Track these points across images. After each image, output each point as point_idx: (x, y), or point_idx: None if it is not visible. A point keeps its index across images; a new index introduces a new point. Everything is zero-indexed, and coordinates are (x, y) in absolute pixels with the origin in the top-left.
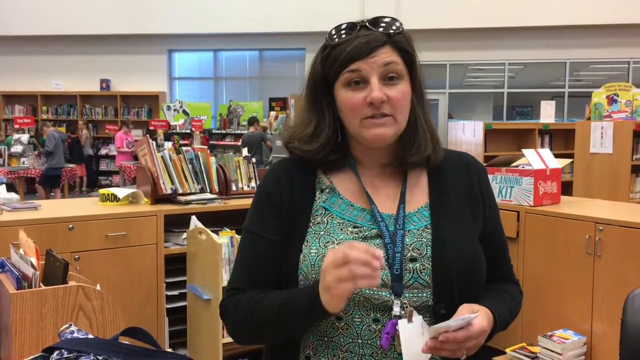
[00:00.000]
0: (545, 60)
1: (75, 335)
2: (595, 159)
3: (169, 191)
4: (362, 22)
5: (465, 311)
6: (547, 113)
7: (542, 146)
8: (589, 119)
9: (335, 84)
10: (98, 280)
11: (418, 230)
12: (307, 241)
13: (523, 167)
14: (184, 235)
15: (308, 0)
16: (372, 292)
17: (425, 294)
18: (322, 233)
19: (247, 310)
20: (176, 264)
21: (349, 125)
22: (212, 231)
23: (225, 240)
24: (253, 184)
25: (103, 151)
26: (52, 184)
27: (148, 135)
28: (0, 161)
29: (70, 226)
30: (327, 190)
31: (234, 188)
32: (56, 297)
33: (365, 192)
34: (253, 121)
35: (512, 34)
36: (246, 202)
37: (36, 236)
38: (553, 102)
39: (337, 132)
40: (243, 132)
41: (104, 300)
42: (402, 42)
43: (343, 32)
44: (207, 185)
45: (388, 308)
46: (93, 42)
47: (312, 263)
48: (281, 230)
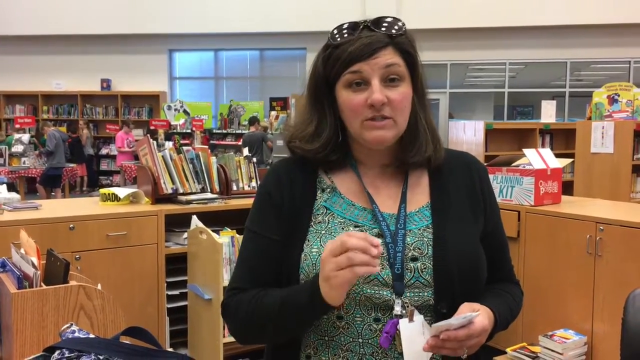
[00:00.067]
0: (546, 60)
1: (76, 334)
2: (596, 158)
3: (170, 191)
4: (365, 22)
5: (466, 310)
6: (548, 113)
7: (543, 146)
8: (589, 118)
9: (336, 84)
10: (99, 279)
11: (419, 229)
12: (309, 240)
13: (524, 167)
14: (185, 235)
15: (309, 0)
16: (373, 292)
17: (426, 294)
18: (323, 232)
19: (248, 310)
20: (177, 264)
21: (349, 126)
22: (213, 231)
23: (226, 240)
24: (254, 184)
25: (104, 151)
26: (52, 183)
27: (149, 135)
28: (1, 161)
29: (71, 226)
30: (328, 190)
31: (234, 188)
32: (57, 296)
33: (366, 192)
34: (254, 121)
35: (512, 34)
36: (247, 202)
37: (37, 236)
38: (554, 102)
39: (338, 132)
40: (244, 131)
41: (105, 299)
42: (405, 44)
43: (345, 32)
44: (207, 185)
45: (389, 307)
46: (94, 41)
47: (314, 262)
48: (282, 229)
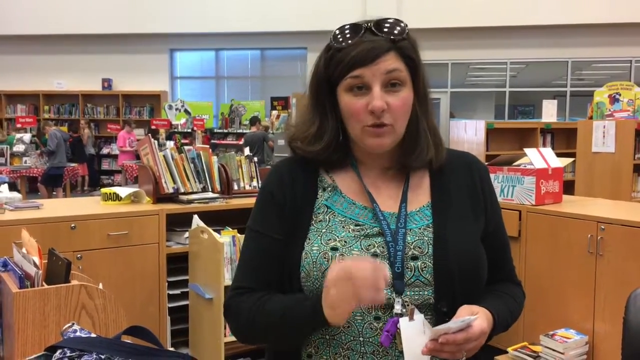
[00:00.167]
0: (547, 59)
1: (78, 334)
2: (597, 158)
3: (171, 190)
4: (367, 24)
5: (464, 313)
6: (549, 112)
7: (544, 145)
8: (591, 118)
9: (338, 86)
10: (100, 279)
11: (419, 228)
12: (309, 239)
13: (525, 167)
14: (186, 235)
15: None
16: None
17: (426, 292)
18: (324, 231)
19: (249, 316)
20: (178, 263)
21: (350, 129)
22: (214, 230)
23: (227, 239)
24: (255, 183)
25: (105, 150)
26: (54, 183)
27: (150, 135)
28: (2, 160)
29: (73, 225)
30: (329, 189)
31: (235, 187)
32: (59, 296)
33: (367, 191)
34: (255, 121)
35: (513, 33)
36: (248, 202)
37: (38, 235)
38: (555, 101)
39: (339, 133)
40: (245, 131)
41: (107, 299)
42: (407, 49)
43: (347, 35)
44: (209, 185)
45: (389, 306)
46: (95, 41)
47: (314, 260)
48: (284, 228)
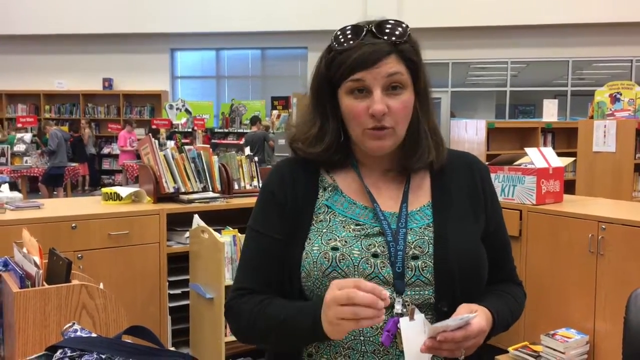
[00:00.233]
0: (548, 59)
1: (79, 333)
2: (598, 157)
3: (172, 190)
4: (368, 26)
5: (464, 311)
6: (550, 112)
7: (545, 145)
8: (591, 117)
9: (339, 88)
10: (101, 279)
11: (420, 228)
12: (310, 239)
13: (526, 166)
14: (187, 234)
15: None
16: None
17: (427, 292)
18: (324, 230)
19: (249, 319)
20: (179, 263)
21: (351, 131)
22: (215, 230)
23: (227, 239)
24: (255, 183)
25: (105, 150)
26: (54, 182)
27: (151, 134)
28: (3, 160)
29: (73, 225)
30: (329, 189)
31: (236, 187)
32: (59, 295)
33: (368, 191)
34: (255, 120)
35: (514, 33)
36: (248, 201)
37: (39, 235)
38: (556, 101)
39: (340, 134)
40: (245, 131)
41: (107, 299)
42: (408, 51)
43: (349, 36)
44: (209, 184)
45: (390, 305)
46: (95, 41)
47: (314, 260)
48: (285, 228)
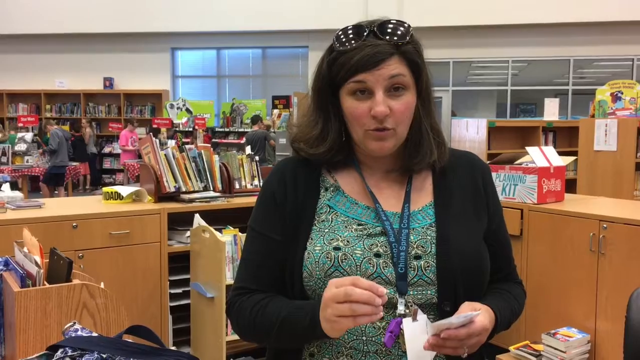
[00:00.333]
0: (549, 58)
1: (79, 333)
2: (599, 156)
3: (173, 189)
4: (371, 26)
5: (467, 309)
6: (551, 110)
7: (546, 144)
8: (593, 116)
9: (340, 89)
10: (102, 278)
11: (422, 228)
12: (312, 239)
13: (527, 165)
14: (188, 234)
15: None
16: None
17: (429, 292)
18: (326, 230)
19: (250, 318)
20: (180, 262)
21: (353, 132)
22: (216, 229)
23: (228, 238)
24: (256, 182)
25: (106, 149)
26: (55, 182)
27: (152, 134)
28: (4, 159)
29: (74, 224)
30: (331, 189)
31: (237, 186)
32: (60, 295)
33: (369, 191)
34: (257, 119)
35: (515, 32)
36: (249, 200)
37: (40, 234)
38: (557, 100)
39: (342, 134)
40: (246, 130)
41: (108, 298)
42: (410, 53)
43: (351, 37)
44: (210, 184)
45: (392, 305)
46: (96, 40)
47: (316, 260)
48: (285, 228)
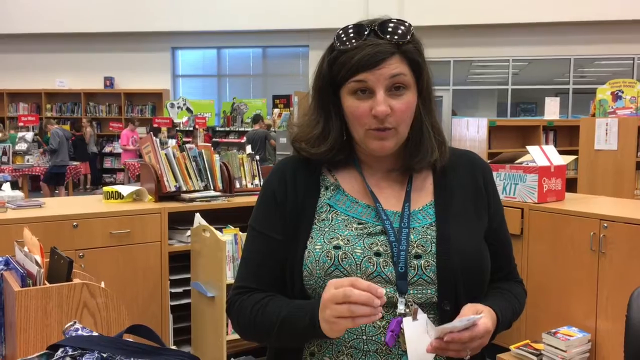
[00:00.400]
0: (550, 57)
1: (80, 332)
2: (599, 155)
3: (173, 189)
4: (371, 25)
5: (469, 312)
6: (552, 110)
7: (547, 143)
8: (593, 115)
9: (341, 88)
10: (102, 277)
11: (423, 227)
12: (312, 238)
13: (527, 164)
14: (188, 233)
15: None
16: None
17: (429, 291)
18: (326, 229)
19: (250, 317)
20: (180, 262)
21: (354, 131)
22: (216, 228)
23: (229, 237)
24: (257, 182)
25: (107, 149)
26: (56, 181)
27: (152, 133)
28: (5, 159)
29: (75, 224)
30: (331, 188)
31: (237, 185)
32: (60, 294)
33: (370, 191)
34: (258, 119)
35: (516, 31)
36: (250, 200)
37: (41, 234)
38: (557, 99)
39: (343, 133)
40: (247, 129)
41: (108, 297)
42: (411, 52)
43: (351, 36)
44: (210, 183)
45: (393, 304)
46: (97, 39)
47: (317, 259)
48: (285, 228)
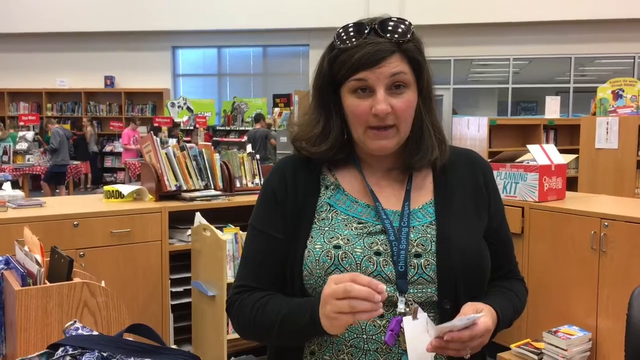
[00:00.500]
0: (550, 56)
1: (80, 331)
2: (600, 154)
3: (173, 188)
4: (371, 24)
5: (469, 310)
6: (552, 108)
7: (547, 142)
8: (594, 114)
9: (341, 87)
10: (103, 277)
11: (422, 226)
12: (312, 237)
13: (528, 163)
14: (189, 232)
15: None
16: None
17: (429, 290)
18: (326, 229)
19: (250, 316)
20: (181, 261)
21: (353, 131)
22: (217, 228)
23: (229, 236)
24: (257, 181)
25: (108, 148)
26: (57, 181)
27: (152, 132)
28: (5, 158)
29: (75, 223)
30: (332, 187)
31: (238, 185)
32: (61, 293)
33: (370, 190)
34: (259, 118)
35: (516, 29)
36: (250, 199)
37: (41, 233)
38: (558, 98)
39: (343, 131)
40: (247, 128)
41: (109, 297)
42: (412, 50)
43: (352, 35)
44: (211, 182)
45: (393, 304)
46: (97, 39)
47: (317, 258)
48: (285, 227)
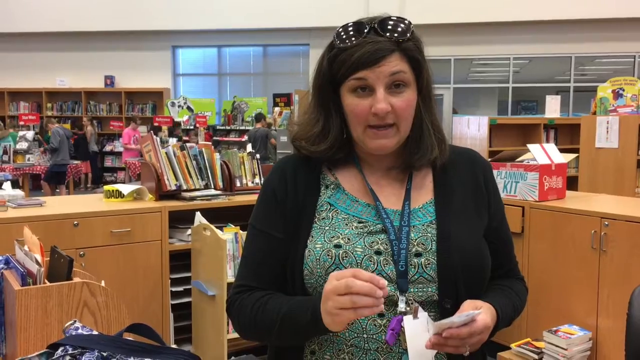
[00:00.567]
0: (551, 55)
1: (80, 331)
2: (600, 153)
3: (173, 187)
4: (371, 23)
5: (468, 307)
6: (552, 108)
7: (548, 141)
8: (594, 113)
9: (341, 86)
10: (103, 276)
11: (423, 225)
12: (312, 236)
13: (528, 162)
14: (189, 232)
15: None
16: None
17: (430, 289)
18: (327, 228)
19: (251, 315)
20: (181, 260)
21: (353, 130)
22: (217, 227)
23: (229, 236)
24: (257, 180)
25: (108, 147)
26: (57, 180)
27: (152, 132)
28: (5, 158)
29: (75, 222)
30: (332, 186)
31: (238, 184)
32: (61, 293)
33: (370, 189)
34: (260, 117)
35: (516, 29)
36: (250, 198)
37: (41, 233)
38: (558, 97)
39: (343, 131)
40: (247, 128)
41: (109, 296)
42: (411, 50)
43: (351, 34)
44: (211, 182)
45: (393, 303)
46: (97, 38)
47: (317, 258)
48: (286, 226)
